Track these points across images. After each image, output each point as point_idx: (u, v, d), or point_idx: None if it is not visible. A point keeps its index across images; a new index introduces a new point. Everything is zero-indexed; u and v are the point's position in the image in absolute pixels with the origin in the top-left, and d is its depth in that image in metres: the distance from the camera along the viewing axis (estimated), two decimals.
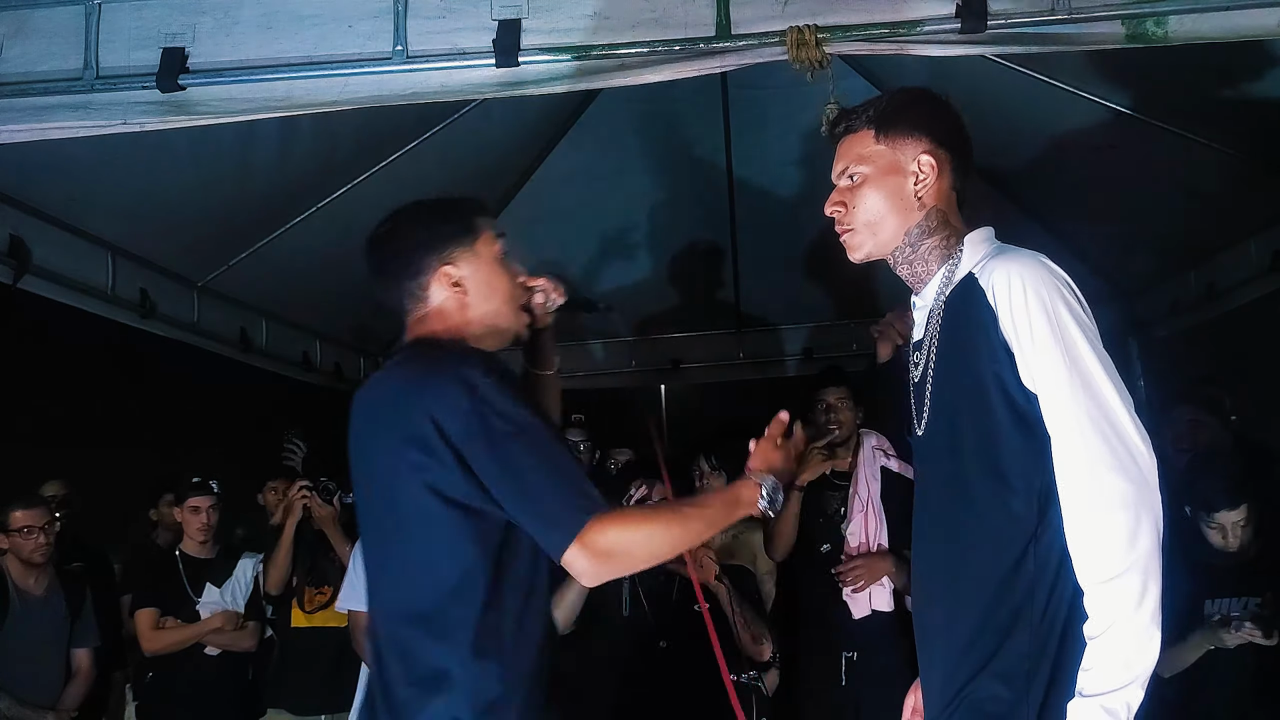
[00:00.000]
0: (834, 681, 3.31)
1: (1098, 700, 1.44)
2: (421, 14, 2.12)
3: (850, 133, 1.77)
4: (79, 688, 3.90)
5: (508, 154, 4.44)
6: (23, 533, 3.71)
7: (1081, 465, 1.50)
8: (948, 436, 1.67)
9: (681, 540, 1.73)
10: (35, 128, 2.17)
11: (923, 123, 1.74)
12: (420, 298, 1.80)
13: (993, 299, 1.58)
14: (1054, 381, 1.52)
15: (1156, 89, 3.27)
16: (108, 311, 3.33)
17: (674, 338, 5.57)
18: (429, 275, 1.79)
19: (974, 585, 1.60)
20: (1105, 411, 1.51)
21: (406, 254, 1.81)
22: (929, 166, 1.71)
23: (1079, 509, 1.50)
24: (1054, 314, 1.54)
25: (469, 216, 1.86)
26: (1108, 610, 1.46)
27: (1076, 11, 1.99)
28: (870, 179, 1.73)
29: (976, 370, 1.59)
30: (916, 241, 1.72)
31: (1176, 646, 2.87)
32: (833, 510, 3.45)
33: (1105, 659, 1.45)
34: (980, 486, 1.60)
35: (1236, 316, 4.23)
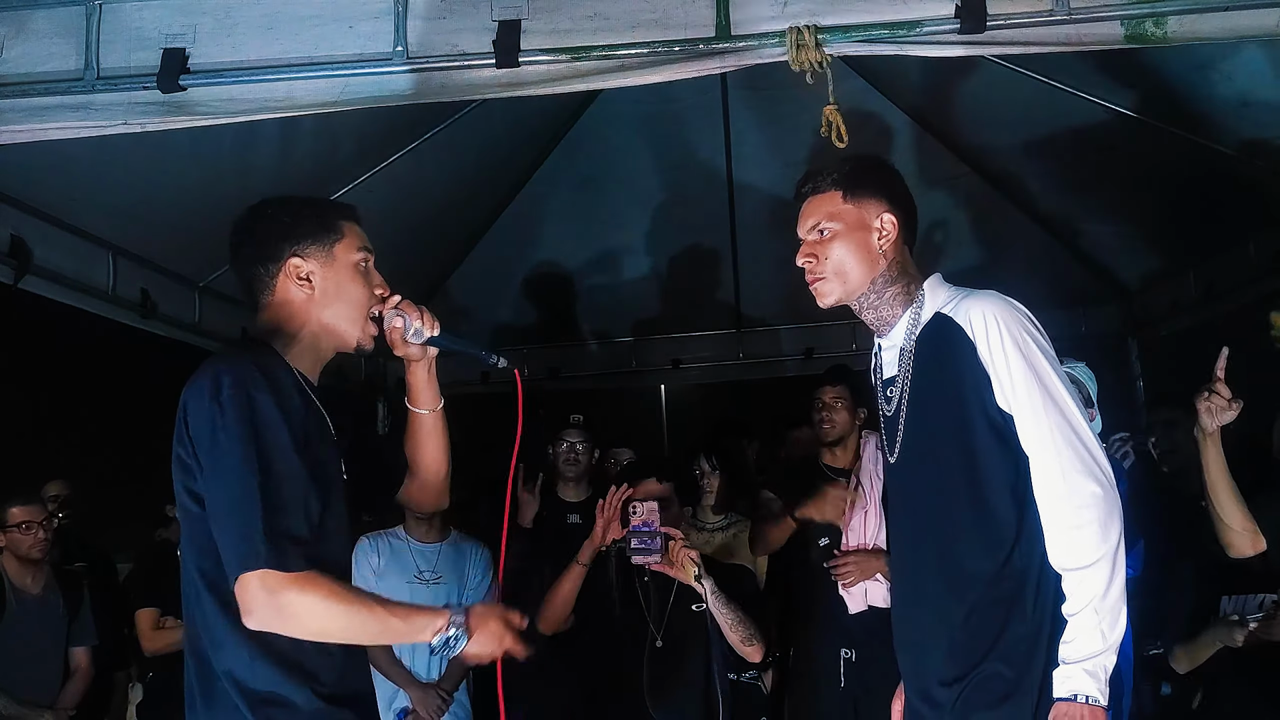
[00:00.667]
0: (833, 681, 3.32)
1: (1080, 665, 1.73)
2: (422, 14, 2.12)
3: (817, 193, 2.00)
4: (77, 687, 3.90)
5: (508, 154, 4.44)
6: (20, 528, 3.71)
7: (1057, 472, 1.78)
8: (929, 457, 1.91)
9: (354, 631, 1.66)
10: (36, 128, 2.17)
11: (882, 187, 1.99)
12: (268, 285, 1.81)
13: (970, 332, 1.84)
14: (1029, 403, 1.79)
15: (1156, 89, 3.28)
16: (108, 311, 3.33)
17: (674, 338, 5.58)
18: (279, 264, 1.80)
19: (968, 584, 1.84)
20: (1072, 426, 1.79)
21: (263, 238, 1.82)
22: (890, 224, 1.96)
23: (1058, 508, 1.78)
24: (1024, 345, 1.81)
25: (335, 218, 1.86)
26: (1085, 592, 1.74)
27: (1076, 11, 1.99)
28: (840, 234, 1.96)
29: (960, 393, 1.84)
30: (881, 289, 1.97)
31: (1191, 643, 2.88)
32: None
33: (1085, 631, 1.74)
34: (964, 496, 1.85)
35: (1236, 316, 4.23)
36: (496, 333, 5.50)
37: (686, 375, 5.70)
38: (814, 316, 5.32)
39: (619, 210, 4.81)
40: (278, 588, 1.56)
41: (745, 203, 4.77)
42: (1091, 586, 1.74)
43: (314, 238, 1.81)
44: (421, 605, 1.80)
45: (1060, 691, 1.75)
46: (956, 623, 1.85)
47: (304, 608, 1.58)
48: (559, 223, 4.89)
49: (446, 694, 3.56)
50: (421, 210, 4.29)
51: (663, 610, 2.94)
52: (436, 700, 3.53)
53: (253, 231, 1.84)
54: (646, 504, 2.79)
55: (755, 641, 2.85)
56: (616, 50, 2.08)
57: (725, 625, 2.82)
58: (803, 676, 3.47)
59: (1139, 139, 3.59)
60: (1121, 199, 4.22)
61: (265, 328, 1.81)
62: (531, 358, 5.58)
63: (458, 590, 3.67)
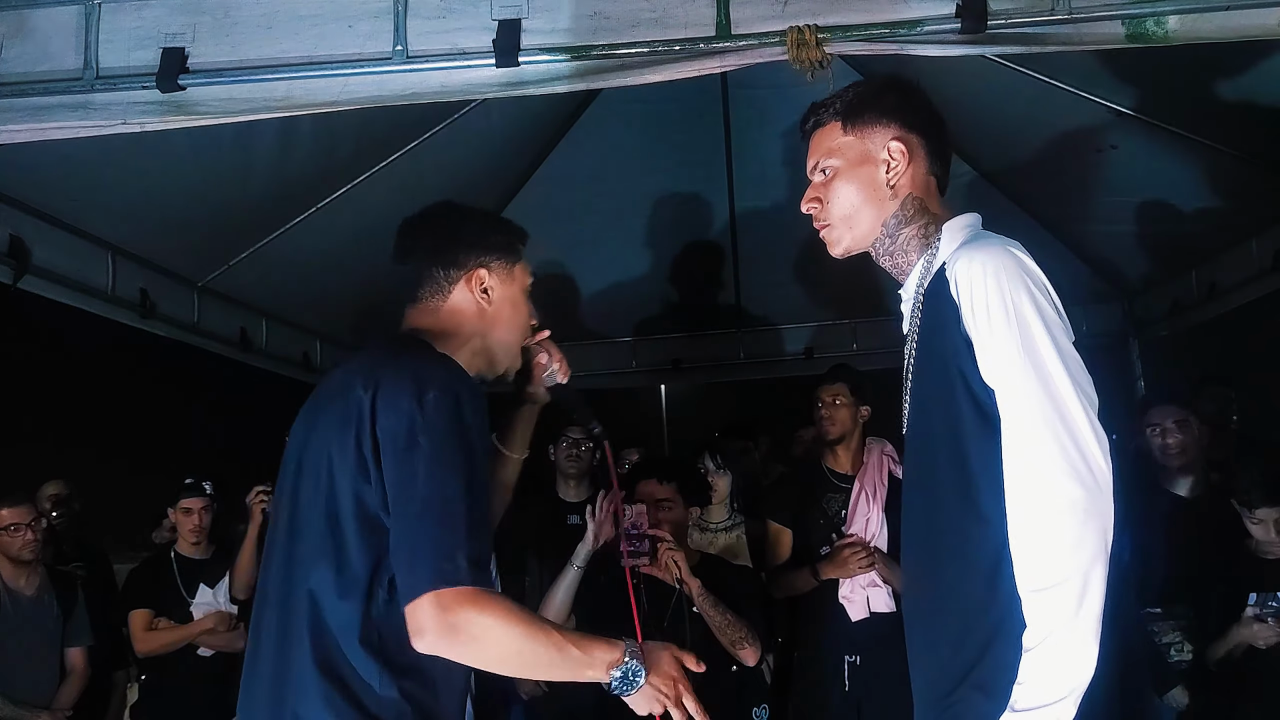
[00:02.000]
0: (837, 686, 3.31)
1: (1029, 715, 1.39)
2: (421, 14, 2.11)
3: (819, 127, 1.75)
4: (73, 687, 3.89)
5: (508, 154, 4.44)
6: (9, 530, 3.70)
7: (1028, 465, 1.44)
8: (923, 433, 1.63)
9: (530, 660, 1.51)
10: (35, 128, 2.17)
11: (890, 109, 1.70)
12: (443, 289, 1.79)
13: (955, 291, 1.53)
14: (1006, 375, 1.47)
15: (1156, 89, 3.27)
16: (108, 311, 3.33)
17: (674, 338, 5.58)
18: (464, 271, 1.79)
19: (952, 592, 1.55)
20: (1060, 411, 1.44)
21: (454, 241, 1.81)
22: (899, 153, 1.68)
23: (1021, 510, 1.44)
24: (1012, 304, 1.48)
25: (519, 241, 1.88)
26: (1045, 619, 1.40)
27: (1076, 11, 1.98)
28: (841, 171, 1.70)
29: (944, 365, 1.54)
30: (894, 231, 1.69)
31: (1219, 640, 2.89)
32: (834, 512, 3.44)
33: (1040, 672, 1.39)
34: (950, 486, 1.55)
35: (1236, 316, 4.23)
36: None
37: (687, 375, 5.70)
38: (814, 316, 5.33)
39: (619, 210, 4.80)
40: (470, 607, 1.43)
41: (745, 203, 4.76)
42: (1053, 613, 1.39)
43: (501, 254, 1.82)
44: (596, 637, 1.59)
45: None
46: (942, 634, 1.57)
47: (488, 631, 1.44)
48: (559, 223, 4.88)
49: None
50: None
51: (663, 612, 2.93)
52: None
53: (446, 234, 1.82)
54: (636, 506, 2.80)
55: (747, 644, 2.84)
56: (616, 50, 2.08)
57: (714, 628, 2.82)
58: (807, 679, 3.46)
59: (1139, 139, 3.58)
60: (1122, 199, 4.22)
61: (429, 330, 1.76)
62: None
63: None
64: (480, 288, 1.79)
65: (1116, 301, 5.21)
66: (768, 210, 4.65)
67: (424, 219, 1.85)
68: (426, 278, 1.80)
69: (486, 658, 1.49)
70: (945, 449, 1.56)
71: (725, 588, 2.88)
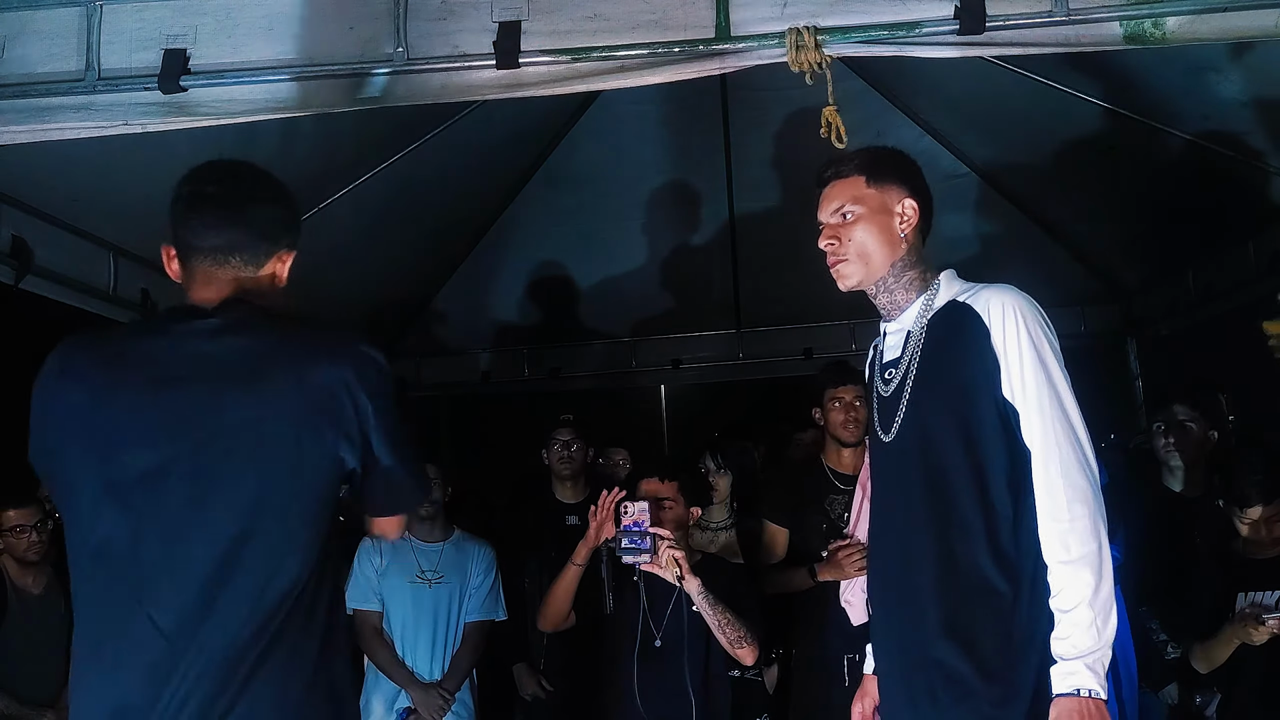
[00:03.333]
0: (838, 683, 3.30)
1: (1081, 660, 1.73)
2: (422, 16, 2.12)
3: (840, 178, 2.03)
4: None
5: (508, 154, 4.45)
6: (14, 532, 3.71)
7: (1058, 468, 1.81)
8: (929, 440, 1.92)
9: None
10: (37, 129, 2.17)
11: (904, 174, 2.03)
12: (254, 261, 1.72)
13: (987, 319, 1.87)
14: (1036, 399, 1.83)
15: (1156, 89, 3.28)
16: (110, 311, 3.33)
17: (674, 338, 5.58)
18: (277, 249, 1.74)
19: (962, 572, 1.85)
20: (1071, 425, 1.83)
21: (281, 219, 1.76)
22: (912, 209, 2.00)
23: (1056, 501, 1.79)
24: (1037, 340, 1.85)
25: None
26: (1078, 586, 1.75)
27: (1075, 12, 1.99)
28: (863, 217, 1.99)
29: (969, 378, 1.87)
30: (900, 273, 2.01)
31: (1209, 641, 2.88)
32: (837, 514, 3.41)
33: (1081, 627, 1.74)
34: (964, 481, 1.86)
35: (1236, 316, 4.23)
36: (497, 333, 5.51)
37: (686, 375, 5.70)
38: (814, 316, 5.33)
39: (619, 210, 4.81)
40: None
41: (745, 203, 4.77)
42: (1085, 581, 1.75)
43: (297, 239, 1.79)
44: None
45: (1062, 687, 1.74)
46: (947, 613, 1.85)
47: None
48: (559, 223, 4.89)
49: (448, 694, 3.57)
50: (421, 210, 4.29)
51: (663, 611, 2.94)
52: (438, 700, 3.54)
53: (278, 211, 1.76)
54: (637, 504, 2.80)
55: (746, 644, 2.84)
56: (616, 51, 2.08)
57: (714, 627, 2.82)
58: (807, 678, 3.45)
59: (1139, 139, 3.59)
60: (1121, 199, 4.23)
61: (254, 303, 1.71)
62: (531, 358, 5.59)
63: (460, 590, 3.68)
64: (282, 269, 1.76)
65: (1115, 302, 5.21)
66: (767, 211, 4.66)
67: (261, 184, 1.77)
68: (247, 249, 1.70)
69: None
70: (962, 448, 1.87)
71: (724, 587, 2.89)
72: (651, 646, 2.91)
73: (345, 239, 3.92)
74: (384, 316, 5.13)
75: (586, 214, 4.83)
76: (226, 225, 1.72)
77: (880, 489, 2.09)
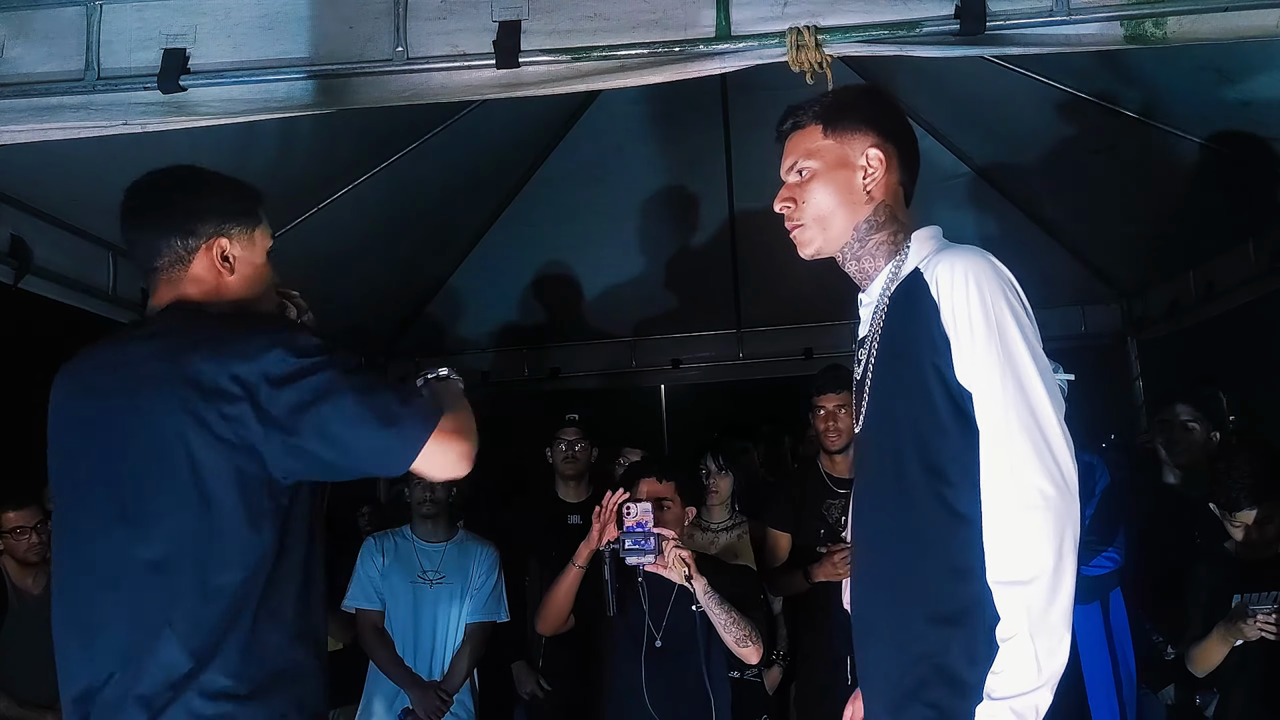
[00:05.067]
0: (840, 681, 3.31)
1: (1007, 703, 1.44)
2: (422, 15, 2.12)
3: (798, 129, 1.78)
4: None
5: (508, 154, 4.44)
6: (14, 533, 3.71)
7: (1005, 463, 1.50)
8: (886, 432, 1.66)
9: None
10: (36, 128, 2.17)
11: (869, 118, 1.74)
12: (182, 259, 1.72)
13: (936, 292, 1.58)
14: (987, 378, 1.53)
15: (1156, 89, 3.28)
16: (109, 312, 3.33)
17: (674, 338, 5.57)
18: (202, 240, 1.73)
19: (919, 586, 1.59)
20: (1035, 413, 1.51)
21: (189, 211, 1.74)
22: (877, 160, 1.72)
23: (998, 507, 1.50)
24: (993, 310, 1.54)
25: (255, 203, 1.83)
26: (1019, 612, 1.46)
27: (1076, 12, 1.99)
28: (819, 174, 1.73)
29: (918, 362, 1.58)
30: (865, 236, 1.73)
31: (1203, 643, 2.88)
32: (834, 518, 3.43)
33: (1016, 662, 1.45)
34: (918, 481, 1.59)
35: (1235, 316, 4.23)
36: (497, 333, 5.50)
37: (686, 375, 5.70)
38: (814, 316, 5.33)
39: (619, 210, 4.81)
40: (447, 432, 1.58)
41: (745, 203, 4.77)
42: (1027, 605, 1.45)
43: (241, 220, 1.77)
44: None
45: None
46: (903, 630, 1.60)
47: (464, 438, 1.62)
48: (559, 223, 4.89)
49: (447, 694, 3.57)
50: (421, 210, 4.29)
51: (662, 611, 2.94)
52: (436, 701, 3.53)
53: (178, 205, 1.75)
54: (640, 505, 2.80)
55: (751, 643, 2.85)
56: (616, 51, 2.08)
57: (719, 626, 2.83)
58: (808, 676, 3.46)
59: (1139, 139, 3.59)
60: (1121, 199, 4.22)
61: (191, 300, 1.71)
62: (531, 358, 5.59)
63: (462, 589, 3.68)
64: (220, 256, 1.74)
65: (1115, 302, 5.21)
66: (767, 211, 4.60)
67: (152, 188, 1.78)
68: (160, 249, 1.72)
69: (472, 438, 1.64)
70: (913, 444, 1.60)
71: (725, 587, 2.89)
72: (652, 647, 2.91)
73: (345, 239, 3.91)
74: (384, 316, 5.13)
75: (586, 214, 4.82)
76: (134, 233, 1.77)
77: (856, 483, 1.83)
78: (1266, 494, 2.85)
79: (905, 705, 1.58)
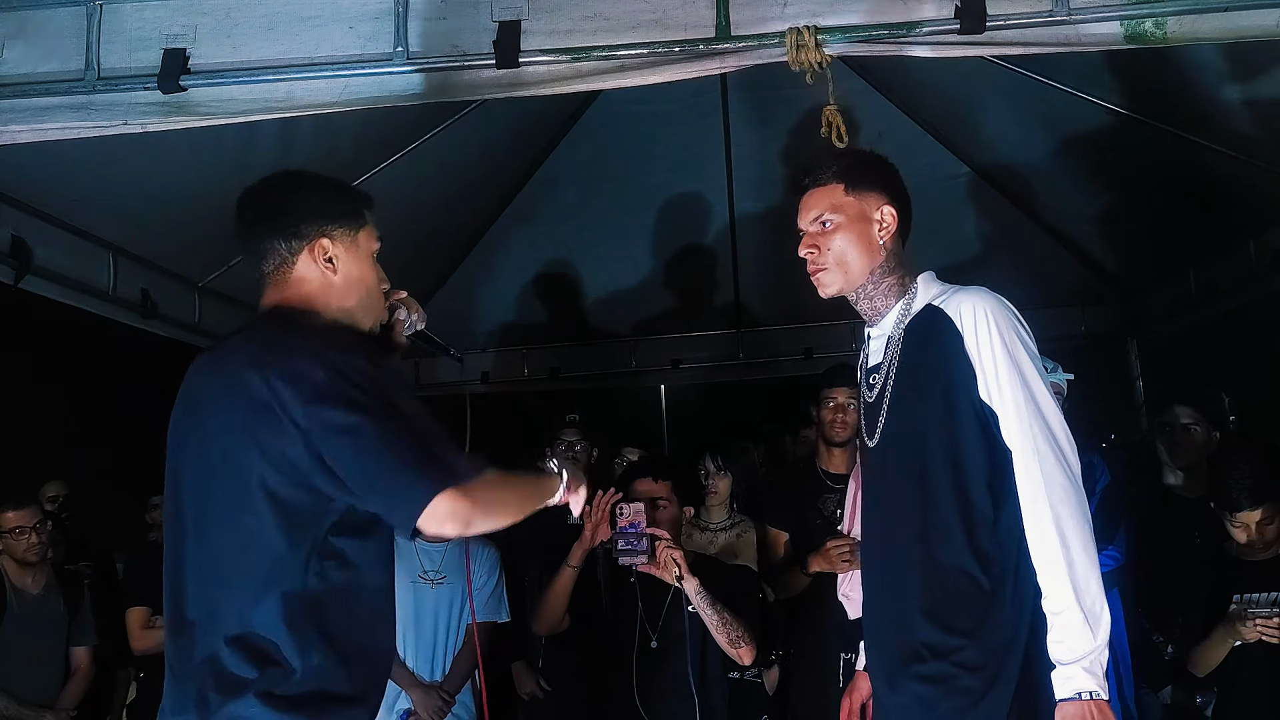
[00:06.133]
0: (833, 681, 3.31)
1: (1078, 664, 1.74)
2: (422, 15, 2.12)
3: (818, 185, 2.03)
4: (78, 686, 3.90)
5: (508, 154, 4.44)
6: (14, 534, 3.71)
7: (1038, 467, 1.81)
8: (909, 443, 1.93)
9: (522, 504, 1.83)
10: (36, 128, 2.18)
11: (882, 181, 2.03)
12: (286, 261, 1.76)
13: (959, 323, 1.88)
14: (1013, 400, 1.83)
15: (1156, 89, 3.28)
16: (109, 312, 3.33)
17: (674, 338, 5.58)
18: (305, 242, 1.76)
19: (944, 574, 1.86)
20: (1049, 424, 1.83)
21: (292, 212, 1.77)
22: (890, 216, 2.00)
23: (1039, 501, 1.80)
24: (1010, 342, 1.85)
25: (361, 205, 1.85)
26: (1066, 586, 1.76)
27: (1076, 12, 1.99)
28: (842, 226, 1.99)
29: (946, 382, 1.88)
30: (879, 280, 2.01)
31: (1203, 643, 2.88)
32: (830, 512, 3.44)
33: (1074, 629, 1.75)
34: (942, 482, 1.87)
35: (1236, 316, 4.23)
36: (497, 332, 5.50)
37: (686, 375, 5.70)
38: (814, 316, 5.33)
39: (619, 210, 4.81)
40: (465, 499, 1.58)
41: (745, 203, 4.77)
42: (1072, 580, 1.76)
43: (344, 221, 1.79)
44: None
45: (1063, 692, 1.75)
46: (930, 615, 1.86)
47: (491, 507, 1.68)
48: (559, 222, 4.89)
49: (449, 695, 3.56)
50: (421, 210, 4.29)
51: (658, 612, 2.94)
52: (438, 702, 3.53)
53: (280, 204, 1.79)
54: (633, 505, 2.80)
55: (744, 644, 2.84)
56: (616, 50, 2.08)
57: (711, 626, 2.82)
58: (804, 677, 3.47)
59: (1139, 139, 3.59)
60: (1121, 199, 4.22)
61: (288, 304, 1.76)
62: (531, 358, 5.58)
63: (462, 589, 3.67)
64: (324, 257, 1.77)
65: (1115, 302, 5.21)
66: (767, 211, 4.65)
67: (259, 192, 1.82)
68: (268, 251, 1.76)
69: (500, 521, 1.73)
70: (941, 450, 1.88)
71: (721, 588, 2.88)
72: (648, 648, 2.90)
73: None
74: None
75: (586, 214, 4.82)
76: (244, 237, 1.81)
77: (867, 493, 2.12)
78: (1267, 495, 2.85)
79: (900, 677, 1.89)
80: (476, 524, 1.63)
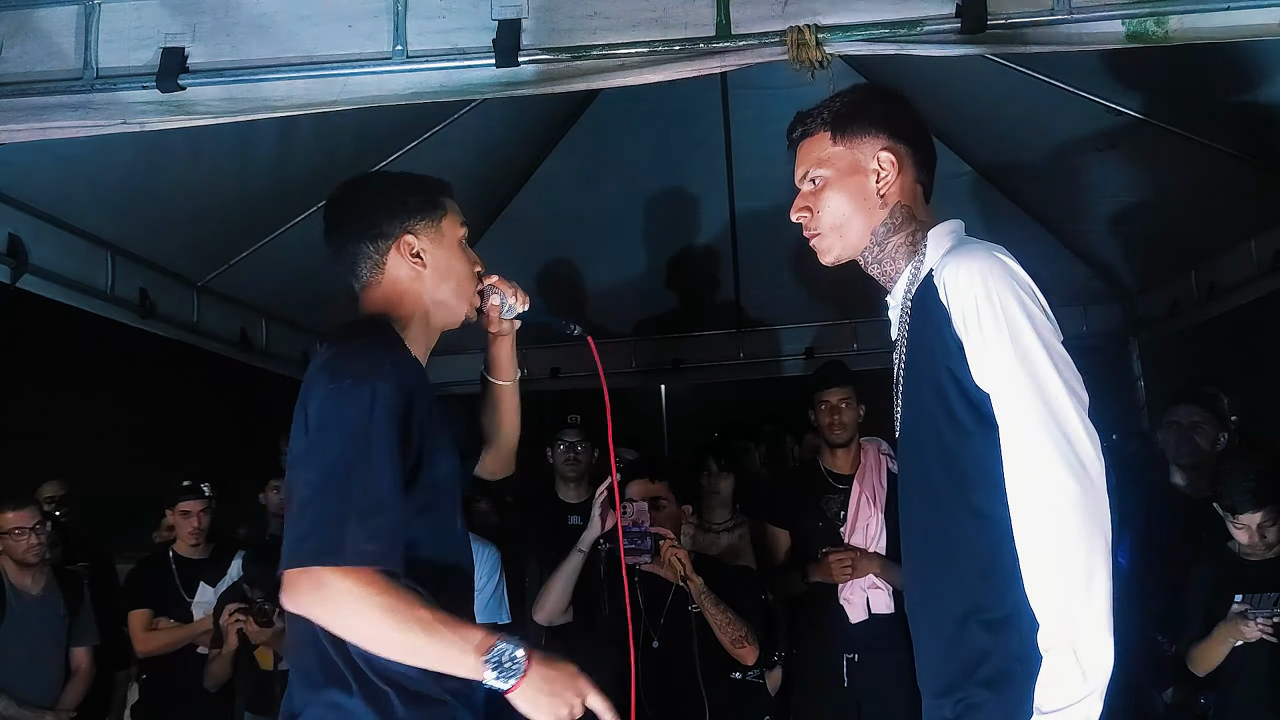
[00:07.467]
0: (836, 682, 3.31)
1: (1059, 715, 1.40)
2: (421, 14, 2.11)
3: (807, 136, 1.76)
4: (78, 687, 3.89)
5: (508, 154, 4.44)
6: (13, 534, 3.70)
7: (1028, 464, 1.47)
8: (915, 436, 1.66)
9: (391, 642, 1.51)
10: (34, 127, 2.17)
11: (878, 120, 1.73)
12: (377, 264, 1.77)
13: (944, 297, 1.56)
14: (1002, 379, 1.50)
15: (1157, 89, 3.27)
16: (107, 311, 3.32)
17: (674, 338, 5.57)
18: (391, 241, 1.76)
19: (956, 588, 1.57)
20: (1054, 411, 1.47)
21: (372, 215, 1.77)
22: (889, 163, 1.70)
23: (1025, 509, 1.47)
24: (1003, 309, 1.51)
25: (438, 194, 1.84)
26: (1058, 617, 1.42)
27: (1076, 11, 1.98)
28: (832, 181, 1.72)
29: (935, 367, 1.58)
30: (883, 240, 1.71)
31: (1204, 643, 2.87)
32: (833, 513, 3.44)
33: (1062, 673, 1.41)
34: (944, 485, 1.59)
35: (1236, 316, 4.23)
36: None
37: (687, 375, 5.69)
38: (814, 316, 5.33)
39: (619, 210, 4.80)
40: (338, 581, 1.45)
41: (745, 202, 4.76)
42: (1064, 612, 1.42)
43: (424, 213, 1.79)
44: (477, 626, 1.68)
45: None
46: (944, 630, 1.59)
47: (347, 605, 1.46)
48: (559, 223, 4.89)
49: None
50: None
51: (659, 612, 2.93)
52: None
53: (364, 210, 1.78)
54: (637, 504, 2.80)
55: (747, 643, 2.84)
56: (616, 49, 2.08)
57: (715, 626, 2.82)
58: (807, 678, 3.46)
59: (1139, 139, 3.58)
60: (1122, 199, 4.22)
61: (381, 307, 1.76)
62: (531, 358, 5.57)
63: None
64: (411, 253, 1.76)
65: (1116, 302, 5.21)
66: (768, 210, 4.64)
67: (337, 201, 1.82)
68: (358, 258, 1.77)
69: (348, 633, 1.51)
70: (937, 449, 1.60)
71: (723, 587, 2.88)
72: (649, 648, 2.90)
73: None
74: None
75: (586, 213, 4.82)
76: (333, 251, 1.81)
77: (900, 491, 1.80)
78: (1271, 497, 2.85)
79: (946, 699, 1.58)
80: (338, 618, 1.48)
